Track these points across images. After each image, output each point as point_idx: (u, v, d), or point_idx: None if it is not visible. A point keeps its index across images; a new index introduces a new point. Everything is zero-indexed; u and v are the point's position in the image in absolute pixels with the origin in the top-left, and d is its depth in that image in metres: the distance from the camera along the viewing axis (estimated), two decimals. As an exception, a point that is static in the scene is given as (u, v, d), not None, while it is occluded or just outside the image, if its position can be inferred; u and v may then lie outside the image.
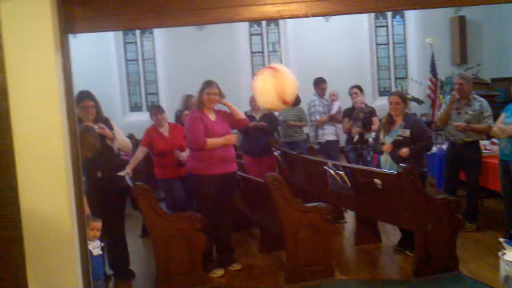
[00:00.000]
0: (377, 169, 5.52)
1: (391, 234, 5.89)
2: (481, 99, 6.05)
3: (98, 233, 4.10)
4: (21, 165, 3.51)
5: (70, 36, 3.86)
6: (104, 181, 4.85)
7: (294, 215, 4.78)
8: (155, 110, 6.18)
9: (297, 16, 3.82)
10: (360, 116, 7.51)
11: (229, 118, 5.31)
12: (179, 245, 4.78)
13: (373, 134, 6.73)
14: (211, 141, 5.04)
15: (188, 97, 7.39)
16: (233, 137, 5.22)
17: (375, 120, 7.44)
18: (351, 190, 5.32)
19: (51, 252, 3.49)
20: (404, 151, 5.34)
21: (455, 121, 5.94)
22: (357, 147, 7.50)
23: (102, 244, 4.25)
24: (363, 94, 7.85)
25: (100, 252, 4.14)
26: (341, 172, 5.42)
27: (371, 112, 7.58)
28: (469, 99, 5.98)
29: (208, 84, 5.19)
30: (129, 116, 12.40)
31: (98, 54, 11.76)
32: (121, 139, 5.14)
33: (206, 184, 5.02)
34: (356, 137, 7.51)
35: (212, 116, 5.20)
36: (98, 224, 4.12)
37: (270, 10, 3.81)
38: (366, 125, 7.45)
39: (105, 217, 4.70)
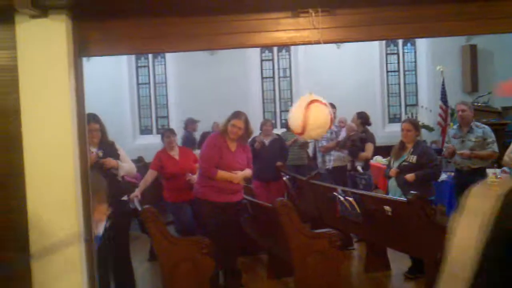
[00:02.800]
0: (387, 196, 5.50)
1: (401, 262, 5.82)
2: (483, 125, 6.10)
3: (104, 216, 3.97)
4: (31, 186, 3.54)
5: (84, 59, 3.91)
6: (113, 205, 4.81)
7: (302, 241, 4.74)
8: (168, 133, 6.20)
9: (309, 43, 3.86)
10: (347, 144, 7.49)
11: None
12: (186, 269, 4.74)
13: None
14: (221, 174, 5.02)
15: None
16: (241, 177, 5.16)
17: (368, 146, 7.36)
18: (360, 216, 5.29)
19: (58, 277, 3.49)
20: (409, 176, 5.35)
21: (459, 150, 5.96)
22: (351, 174, 7.44)
23: (107, 224, 4.18)
24: (358, 121, 7.71)
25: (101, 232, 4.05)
26: (350, 198, 5.39)
27: (362, 139, 7.46)
28: (471, 126, 5.99)
29: (236, 115, 5.17)
30: (139, 139, 12.45)
31: (111, 77, 11.87)
32: (126, 166, 5.04)
33: (210, 209, 5.01)
34: (348, 165, 7.49)
35: (232, 147, 5.19)
36: (104, 207, 3.98)
37: (282, 36, 3.85)
38: (353, 153, 7.38)
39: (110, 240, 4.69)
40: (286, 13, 3.78)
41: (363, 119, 7.65)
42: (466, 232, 1.48)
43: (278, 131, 9.20)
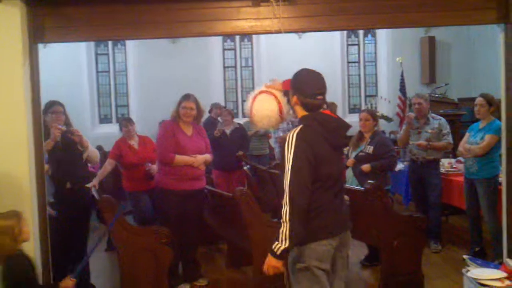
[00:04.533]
0: (346, 185, 5.56)
1: (358, 250, 5.92)
2: (439, 117, 6.24)
3: None
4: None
5: (40, 46, 3.82)
6: (73, 193, 4.76)
7: (262, 230, 4.76)
8: (125, 122, 6.13)
9: (270, 32, 3.87)
10: None
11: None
12: (145, 259, 4.69)
13: None
14: (179, 158, 4.97)
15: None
16: (201, 160, 5.11)
17: None
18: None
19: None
20: (365, 167, 5.45)
21: (416, 140, 6.08)
22: None
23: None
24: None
25: None
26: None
27: None
28: (427, 118, 6.13)
29: (185, 97, 5.12)
30: (98, 128, 12.25)
31: (69, 64, 11.60)
32: (91, 149, 5.03)
33: (173, 199, 4.96)
34: None
35: (188, 131, 5.14)
36: None
37: (243, 25, 3.85)
38: None
39: (70, 230, 4.64)
40: (247, 2, 3.79)
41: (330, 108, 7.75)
42: None
43: (240, 120, 9.18)
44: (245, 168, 7.54)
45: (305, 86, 2.96)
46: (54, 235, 4.22)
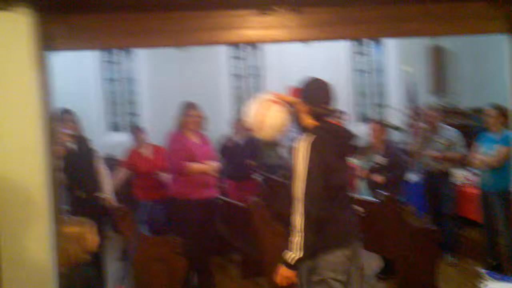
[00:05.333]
0: (360, 197, 5.55)
1: (373, 263, 5.89)
2: (451, 128, 6.19)
3: None
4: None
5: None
6: (86, 202, 4.76)
7: (275, 240, 4.75)
8: (138, 130, 6.14)
9: (278, 41, 3.87)
10: None
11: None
12: (159, 269, 4.69)
13: None
14: (194, 166, 4.97)
15: None
16: (215, 167, 5.14)
17: None
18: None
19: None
20: (378, 178, 5.42)
21: (429, 152, 6.06)
22: None
23: None
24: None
25: None
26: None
27: None
28: (439, 129, 6.12)
29: (190, 106, 5.13)
30: (108, 136, 12.26)
31: (78, 72, 11.61)
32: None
33: (189, 209, 4.95)
34: None
35: (195, 139, 5.15)
36: None
37: (250, 34, 3.84)
38: None
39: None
40: (255, 11, 3.77)
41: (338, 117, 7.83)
42: None
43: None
44: (257, 177, 7.52)
45: (315, 95, 2.99)
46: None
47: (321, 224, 2.79)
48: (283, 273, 2.87)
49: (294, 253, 2.78)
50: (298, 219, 2.75)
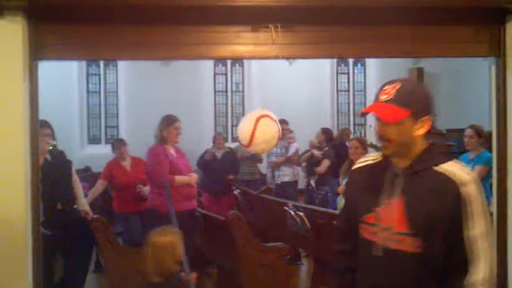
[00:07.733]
0: (336, 212, 5.58)
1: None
2: None
3: None
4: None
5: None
6: (63, 213, 4.72)
7: (253, 254, 4.76)
8: (118, 143, 6.14)
9: (268, 57, 3.92)
10: (301, 159, 8.00)
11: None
12: (134, 281, 4.66)
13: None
14: (178, 179, 4.99)
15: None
16: (196, 178, 5.21)
17: (324, 162, 7.60)
18: (308, 231, 5.36)
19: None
20: None
21: None
22: (308, 190, 7.67)
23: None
24: (323, 136, 8.01)
25: None
26: (301, 213, 5.46)
27: (314, 156, 7.79)
28: None
29: (173, 119, 5.15)
30: (87, 148, 12.21)
31: (60, 83, 11.58)
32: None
33: (168, 221, 4.92)
34: (306, 180, 7.74)
35: (173, 152, 5.17)
36: None
37: (241, 49, 3.89)
38: (308, 169, 7.69)
39: (66, 250, 4.60)
40: (246, 27, 3.82)
41: (327, 135, 7.95)
42: None
43: (230, 145, 9.22)
44: (235, 192, 7.55)
45: (433, 104, 2.21)
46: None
47: None
48: None
49: None
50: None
